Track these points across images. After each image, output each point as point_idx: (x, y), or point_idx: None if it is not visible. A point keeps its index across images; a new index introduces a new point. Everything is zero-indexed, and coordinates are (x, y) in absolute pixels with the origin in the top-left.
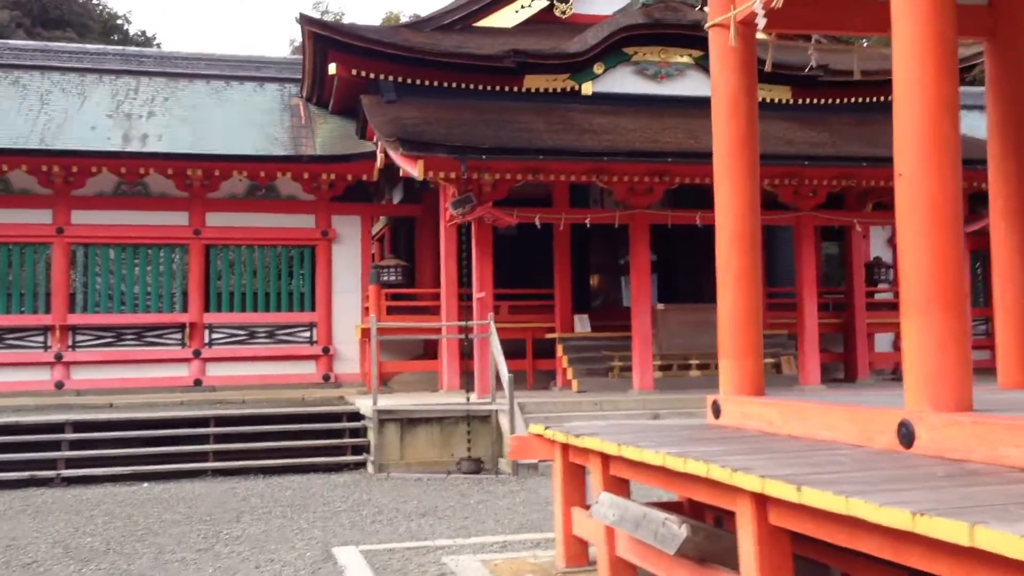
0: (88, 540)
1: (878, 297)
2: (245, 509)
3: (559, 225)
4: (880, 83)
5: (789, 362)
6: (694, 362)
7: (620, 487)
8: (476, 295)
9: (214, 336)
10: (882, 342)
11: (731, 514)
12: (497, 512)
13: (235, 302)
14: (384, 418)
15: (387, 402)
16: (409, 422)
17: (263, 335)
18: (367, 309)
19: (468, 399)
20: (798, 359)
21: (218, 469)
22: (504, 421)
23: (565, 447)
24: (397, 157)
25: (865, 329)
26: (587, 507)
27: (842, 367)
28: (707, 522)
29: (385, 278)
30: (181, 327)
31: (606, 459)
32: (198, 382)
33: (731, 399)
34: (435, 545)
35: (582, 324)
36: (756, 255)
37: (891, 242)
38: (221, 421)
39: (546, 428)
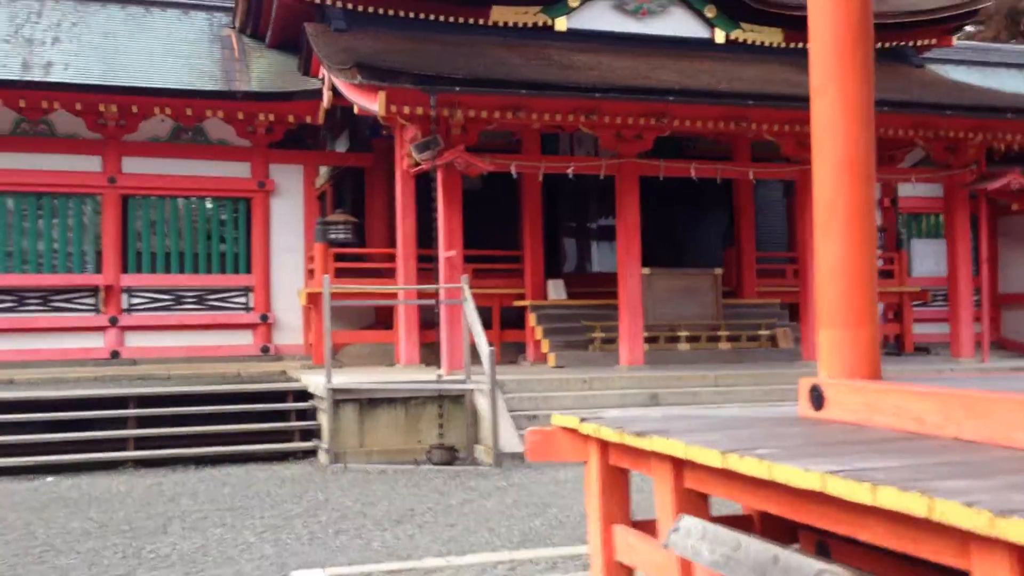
0: None
1: None
2: (174, 514)
3: (537, 175)
4: (879, 27)
5: (785, 335)
6: (683, 334)
7: (696, 504)
8: (444, 254)
9: (134, 301)
10: None
11: (843, 542)
12: (488, 517)
13: (158, 262)
14: (340, 398)
15: (341, 379)
16: (369, 403)
17: (191, 300)
18: (311, 272)
19: (439, 376)
20: (801, 331)
21: (140, 459)
22: (482, 402)
23: (605, 446)
24: (351, 91)
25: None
26: (634, 525)
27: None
28: (792, 544)
29: (333, 236)
30: (94, 290)
31: (679, 466)
32: (115, 354)
33: (843, 385)
34: (424, 567)
35: (556, 291)
36: (871, 190)
37: (880, 204)
38: (143, 401)
39: (582, 420)
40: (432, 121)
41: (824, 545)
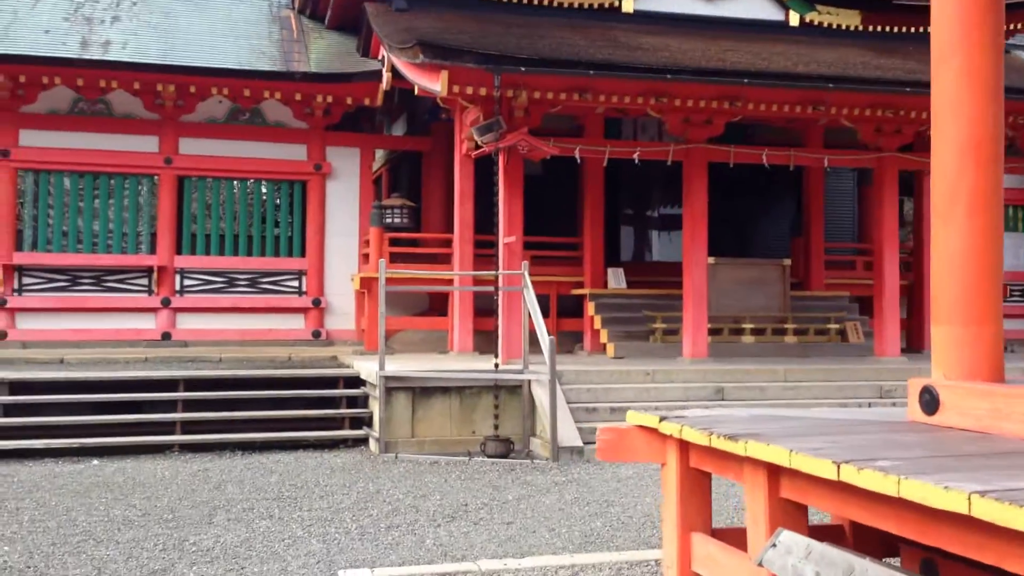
0: (1, 552)
1: None
2: (219, 503)
3: (600, 160)
4: None
5: (856, 329)
6: (748, 326)
7: (794, 516)
8: (504, 239)
9: (186, 283)
10: None
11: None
12: (547, 515)
13: (212, 244)
14: (392, 386)
15: (394, 366)
16: (422, 391)
17: (244, 283)
18: (365, 256)
19: (496, 365)
20: (874, 326)
21: (187, 444)
22: (540, 393)
23: (685, 447)
24: (412, 71)
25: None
26: (714, 533)
27: (903, 336)
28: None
29: (389, 220)
30: (148, 271)
31: (775, 474)
32: (167, 336)
33: (962, 388)
34: (481, 571)
35: (616, 279)
36: (999, 173)
37: None
38: (192, 384)
39: (661, 420)
40: (495, 102)
41: (931, 563)
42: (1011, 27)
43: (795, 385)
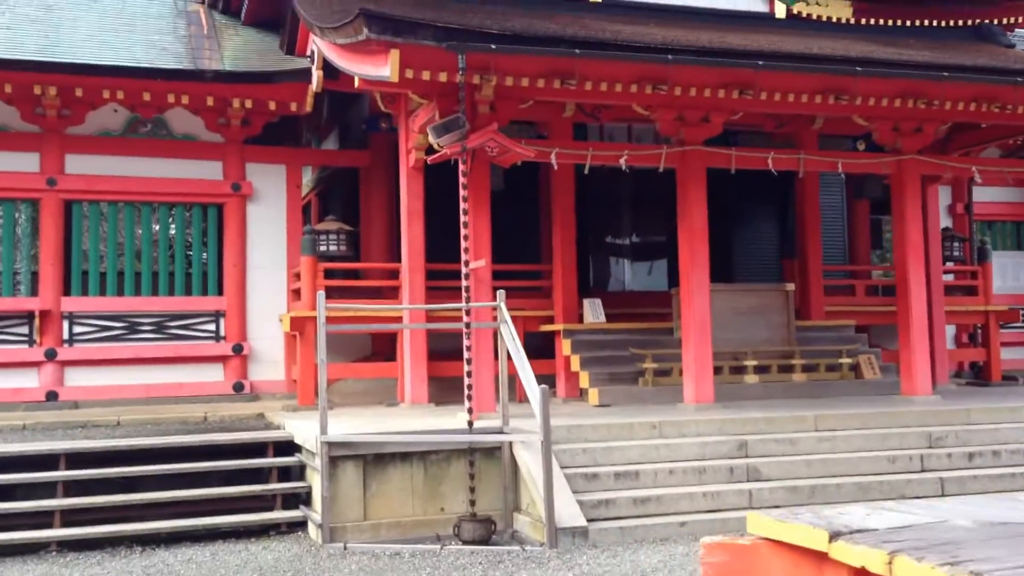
0: None
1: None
2: None
3: (575, 168)
4: (959, 1)
5: (870, 363)
6: (750, 363)
7: None
8: (472, 264)
9: (76, 331)
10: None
11: None
12: None
13: (108, 282)
14: (338, 454)
15: (340, 427)
16: (377, 460)
17: (148, 329)
18: (296, 292)
19: (470, 423)
20: (900, 359)
21: (68, 540)
22: (528, 458)
23: None
24: (352, 57)
25: (944, 319)
26: None
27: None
28: None
29: (324, 247)
30: (28, 317)
31: None
32: (52, 395)
33: None
34: None
35: (594, 312)
36: None
37: (952, 210)
38: (77, 459)
39: (833, 537)
40: (459, 90)
41: None
42: (1011, 20)
43: (831, 436)
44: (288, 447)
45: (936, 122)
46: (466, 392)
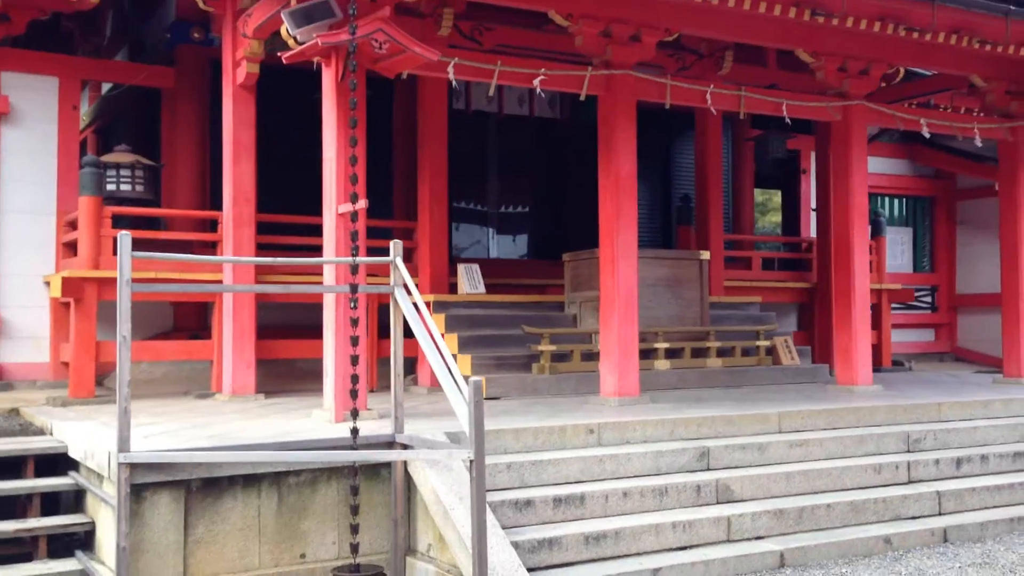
0: None
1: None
2: None
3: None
4: None
5: (787, 347)
6: (661, 346)
7: None
8: (341, 207)
9: None
10: None
11: None
12: None
13: None
14: (147, 480)
15: (147, 436)
16: (206, 488)
17: None
18: (70, 246)
19: (355, 431)
20: (838, 342)
21: None
22: (434, 480)
23: None
24: None
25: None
26: None
27: (809, 352)
28: None
29: (113, 186)
30: None
31: None
32: None
33: None
34: None
35: (471, 280)
36: None
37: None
38: None
39: None
40: None
41: None
42: None
43: (801, 440)
44: (58, 462)
45: (884, 64)
46: (327, 383)
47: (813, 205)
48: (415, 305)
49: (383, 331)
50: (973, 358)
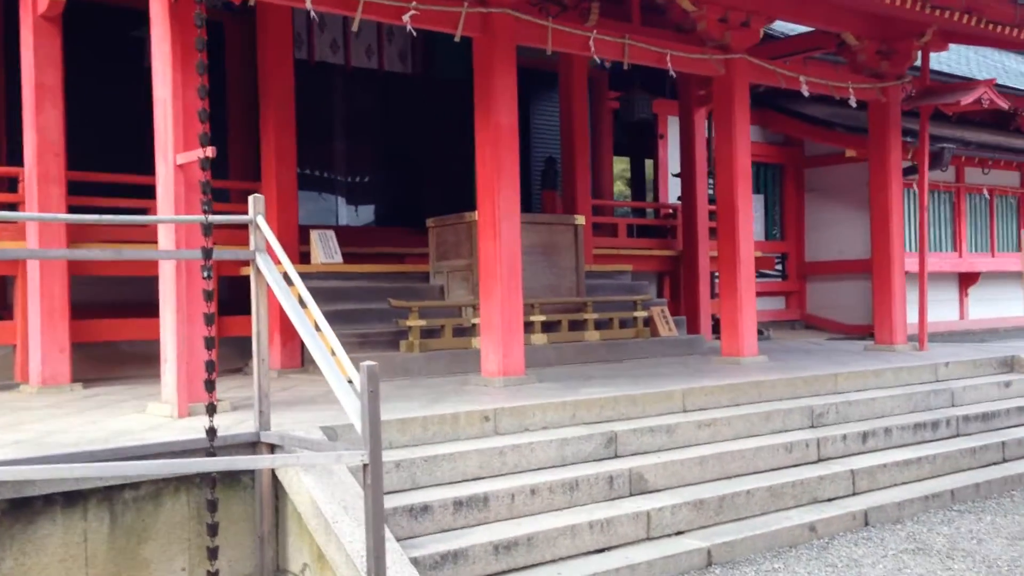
0: None
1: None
2: None
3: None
4: None
5: (664, 318)
6: (537, 319)
7: None
8: (181, 157)
9: None
10: None
11: None
12: None
13: None
14: None
15: None
16: (14, 511)
17: None
18: None
19: (212, 430)
20: (724, 311)
21: None
22: (315, 487)
23: None
24: None
25: (708, 266)
26: None
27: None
28: None
29: None
30: None
31: None
32: None
33: None
34: None
35: (326, 249)
36: None
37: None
38: None
39: None
40: None
41: None
42: None
43: (709, 419)
44: None
45: (764, 17)
46: (167, 370)
47: (674, 171)
48: (285, 275)
49: (227, 308)
50: (822, 325)
